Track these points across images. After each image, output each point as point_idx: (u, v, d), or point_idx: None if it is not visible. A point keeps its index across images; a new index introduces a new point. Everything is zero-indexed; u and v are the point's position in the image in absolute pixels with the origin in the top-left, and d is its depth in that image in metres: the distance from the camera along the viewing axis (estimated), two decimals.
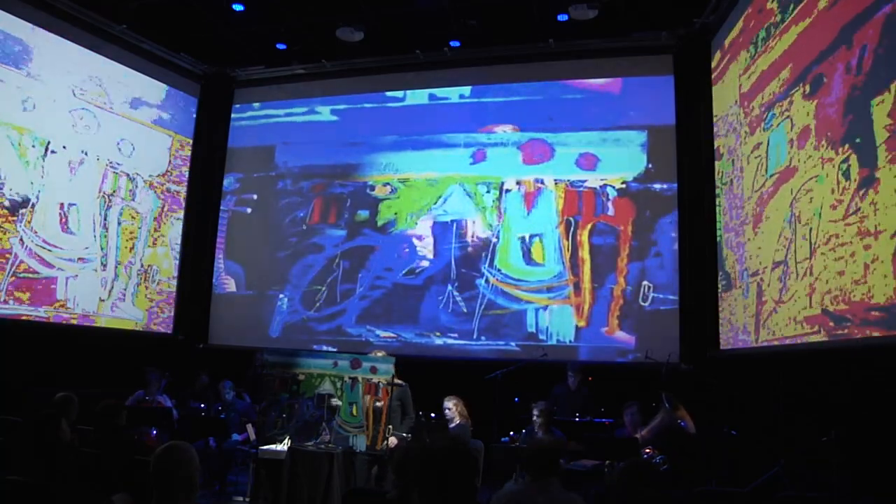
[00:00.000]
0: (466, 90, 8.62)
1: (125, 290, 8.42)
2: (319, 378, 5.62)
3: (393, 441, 5.36)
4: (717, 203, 7.03)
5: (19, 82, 7.25)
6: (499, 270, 7.99)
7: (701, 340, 6.95)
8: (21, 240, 7.23)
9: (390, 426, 5.44)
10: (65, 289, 7.68)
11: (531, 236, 7.95)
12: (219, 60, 9.28)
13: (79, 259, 7.85)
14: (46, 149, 7.52)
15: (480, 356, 7.78)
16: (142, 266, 8.65)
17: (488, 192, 8.22)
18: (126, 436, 4.43)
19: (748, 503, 4.03)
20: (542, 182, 8.03)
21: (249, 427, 6.32)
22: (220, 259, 9.32)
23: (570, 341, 7.59)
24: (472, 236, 8.20)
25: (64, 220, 7.71)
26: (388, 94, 8.91)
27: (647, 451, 5.34)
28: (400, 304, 8.30)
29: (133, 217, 8.56)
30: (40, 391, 5.44)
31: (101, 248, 8.13)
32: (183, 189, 9.27)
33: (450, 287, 8.14)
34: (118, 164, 8.37)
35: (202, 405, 7.11)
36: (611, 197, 7.75)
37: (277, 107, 9.43)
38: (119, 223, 8.36)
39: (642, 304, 7.42)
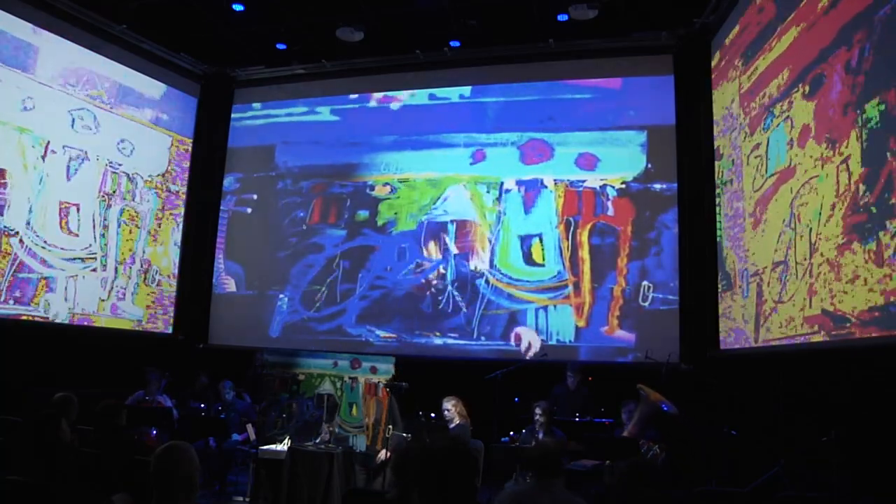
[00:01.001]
0: (466, 90, 8.61)
1: (125, 289, 8.42)
2: (319, 378, 5.63)
3: (385, 454, 5.33)
4: (716, 203, 7.02)
5: (19, 82, 7.25)
6: (498, 270, 7.99)
7: (701, 340, 6.95)
8: (21, 240, 7.23)
9: (390, 426, 5.44)
10: (64, 288, 7.68)
11: (531, 236, 7.95)
12: (219, 60, 9.27)
13: (79, 259, 7.85)
14: (46, 149, 7.52)
15: (480, 356, 7.78)
16: (142, 266, 8.65)
17: (488, 192, 8.22)
18: (126, 436, 4.43)
19: (748, 503, 4.03)
20: (542, 182, 8.03)
21: (249, 427, 6.32)
22: (220, 259, 9.32)
23: (570, 341, 7.59)
24: (472, 236, 8.20)
25: (64, 219, 7.71)
26: (389, 94, 8.91)
27: (641, 443, 5.33)
28: (400, 304, 8.29)
29: (133, 217, 8.55)
30: (40, 391, 5.42)
31: (101, 248, 8.13)
32: (183, 189, 9.27)
33: (449, 287, 8.13)
34: (118, 164, 8.37)
35: (202, 405, 7.11)
36: (610, 197, 7.75)
37: (277, 107, 9.42)
38: (119, 223, 8.36)
39: (642, 303, 7.42)
